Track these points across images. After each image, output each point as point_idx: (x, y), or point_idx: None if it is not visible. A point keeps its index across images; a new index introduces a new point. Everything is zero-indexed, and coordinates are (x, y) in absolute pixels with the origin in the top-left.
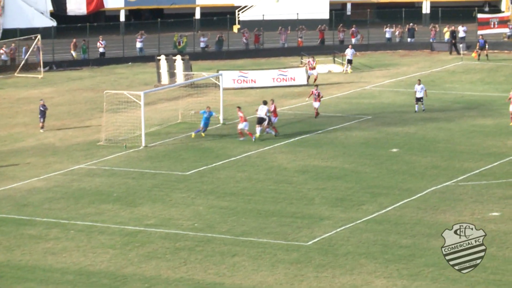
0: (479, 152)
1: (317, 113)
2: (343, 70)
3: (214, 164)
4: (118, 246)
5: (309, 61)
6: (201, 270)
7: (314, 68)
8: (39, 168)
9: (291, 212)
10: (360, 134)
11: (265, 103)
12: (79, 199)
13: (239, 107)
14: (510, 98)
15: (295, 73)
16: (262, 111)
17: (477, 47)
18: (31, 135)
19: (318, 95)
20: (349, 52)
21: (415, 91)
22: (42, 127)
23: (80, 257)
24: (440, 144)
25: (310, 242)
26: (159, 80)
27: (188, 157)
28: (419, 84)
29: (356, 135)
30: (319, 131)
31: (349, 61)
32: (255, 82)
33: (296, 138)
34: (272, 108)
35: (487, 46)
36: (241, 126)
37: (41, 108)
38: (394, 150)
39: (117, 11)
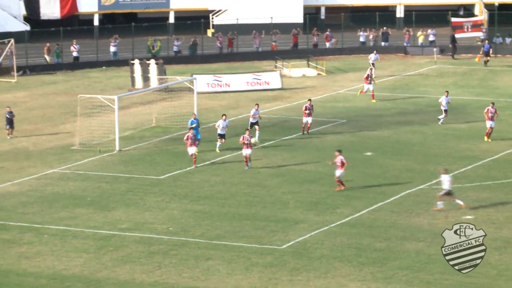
0: (452, 155)
1: (308, 128)
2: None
3: (188, 168)
4: (92, 250)
5: (368, 75)
6: (176, 274)
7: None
8: (13, 173)
9: (266, 216)
10: (334, 137)
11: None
12: (53, 203)
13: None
14: (486, 113)
15: (269, 77)
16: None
17: (481, 52)
18: (4, 139)
19: (311, 109)
20: (372, 57)
21: (440, 102)
22: (9, 134)
23: (54, 261)
24: (414, 148)
25: (284, 246)
26: (133, 84)
27: (162, 161)
28: (447, 96)
29: (331, 139)
30: (293, 135)
31: (373, 65)
32: (229, 86)
33: (270, 142)
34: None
35: (491, 51)
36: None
37: (7, 116)
38: (368, 153)
39: (91, 15)
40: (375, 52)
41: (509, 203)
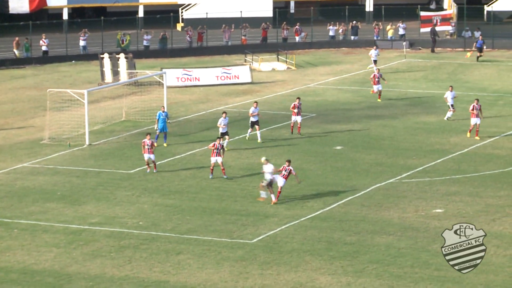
0: (422, 149)
1: (299, 129)
2: (368, 67)
3: (158, 162)
4: (62, 245)
5: (374, 75)
6: (146, 268)
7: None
8: None
9: (236, 210)
10: (304, 131)
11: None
12: (22, 197)
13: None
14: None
15: (239, 71)
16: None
17: (474, 47)
18: None
19: (299, 107)
20: (373, 53)
21: (445, 98)
22: None
23: (24, 255)
24: (384, 142)
25: (255, 240)
26: (102, 78)
27: (132, 155)
28: (451, 90)
29: (301, 132)
30: (263, 129)
31: (375, 62)
32: (199, 80)
33: (241, 136)
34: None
35: (485, 47)
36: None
37: None
38: (338, 147)
39: (60, 9)
40: (375, 47)
41: (478, 197)
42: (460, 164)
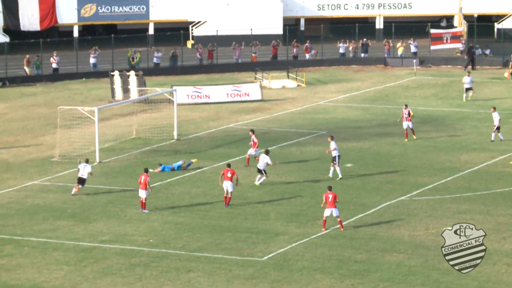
0: (433, 167)
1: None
2: (464, 98)
3: (168, 180)
4: (72, 263)
5: (403, 112)
6: (157, 286)
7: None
8: None
9: (246, 228)
10: (314, 149)
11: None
12: (33, 215)
13: (252, 131)
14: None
15: (249, 89)
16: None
17: (510, 66)
18: None
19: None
20: (467, 80)
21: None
22: None
23: (34, 273)
24: (394, 159)
25: (265, 258)
26: (113, 95)
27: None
28: (494, 111)
29: (311, 150)
30: (274, 146)
31: (467, 89)
32: (209, 97)
33: (248, 155)
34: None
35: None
36: (251, 152)
37: None
38: (349, 165)
39: (71, 26)
40: (468, 74)
41: (489, 215)
42: (470, 182)
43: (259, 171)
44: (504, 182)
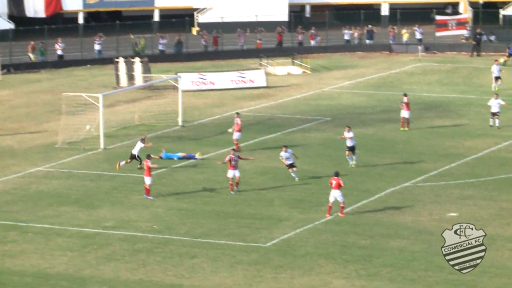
0: (437, 153)
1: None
2: (493, 87)
3: (172, 166)
4: (76, 248)
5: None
6: (160, 271)
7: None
8: None
9: (250, 214)
10: (319, 135)
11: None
12: (37, 201)
13: (237, 113)
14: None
15: (254, 75)
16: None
17: (507, 54)
18: None
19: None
20: (495, 69)
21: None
22: None
23: (38, 259)
24: (398, 145)
25: (269, 243)
26: (117, 82)
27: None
28: (496, 98)
29: (315, 137)
30: (278, 133)
31: (496, 78)
32: (214, 84)
33: (255, 140)
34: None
35: None
36: (236, 136)
37: None
38: None
39: (76, 13)
40: (496, 62)
41: (493, 201)
42: (474, 168)
43: (290, 165)
44: (508, 168)
